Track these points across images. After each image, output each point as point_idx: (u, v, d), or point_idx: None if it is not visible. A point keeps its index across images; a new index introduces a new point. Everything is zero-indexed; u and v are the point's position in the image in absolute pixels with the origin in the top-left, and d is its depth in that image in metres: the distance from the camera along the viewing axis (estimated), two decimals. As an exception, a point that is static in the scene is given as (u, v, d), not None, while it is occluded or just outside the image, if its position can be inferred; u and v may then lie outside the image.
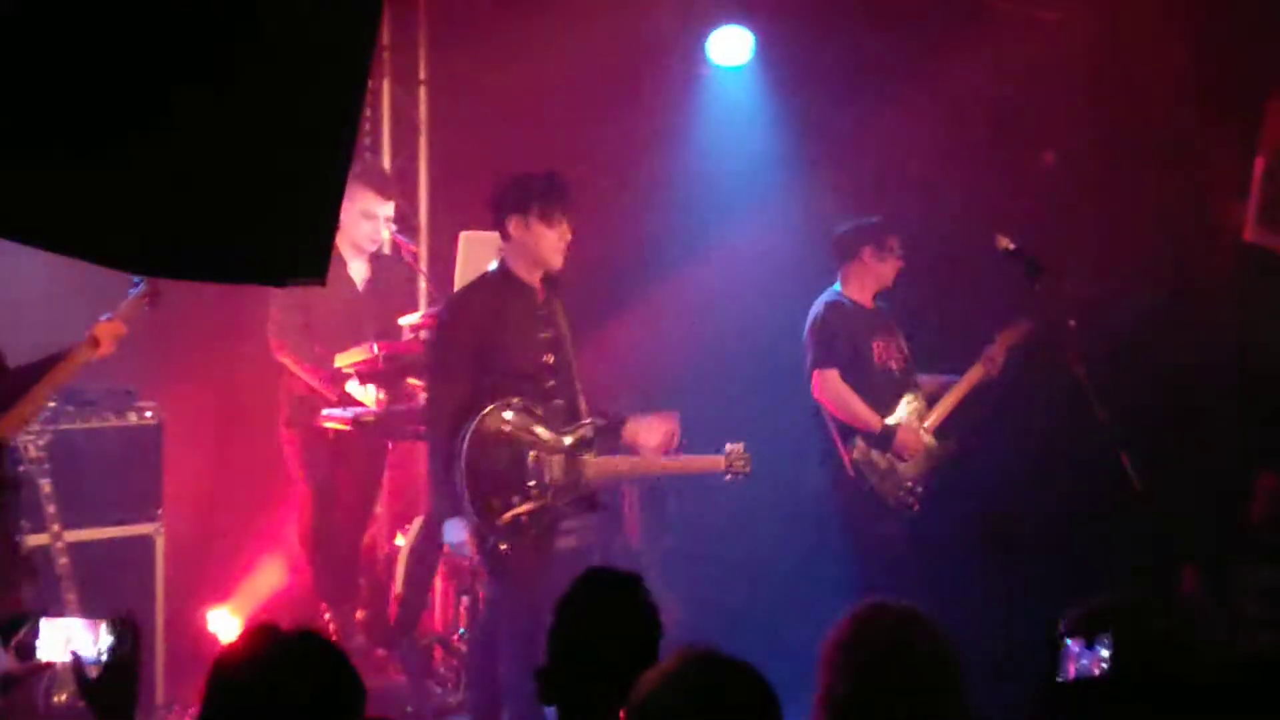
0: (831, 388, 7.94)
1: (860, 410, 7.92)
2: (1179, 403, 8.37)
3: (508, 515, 6.74)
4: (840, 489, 7.98)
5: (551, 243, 6.86)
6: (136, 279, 6.61)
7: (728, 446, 7.14)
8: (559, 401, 6.94)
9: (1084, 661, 3.52)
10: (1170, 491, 7.72)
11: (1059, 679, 3.58)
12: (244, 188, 3.00)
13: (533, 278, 6.97)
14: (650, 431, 7.06)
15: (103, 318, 6.55)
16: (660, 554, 9.14)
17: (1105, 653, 3.52)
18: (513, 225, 6.87)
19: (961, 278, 8.47)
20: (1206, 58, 8.33)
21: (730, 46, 9.39)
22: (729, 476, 7.17)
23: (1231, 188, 8.40)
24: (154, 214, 2.96)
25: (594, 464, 6.96)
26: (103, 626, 3.83)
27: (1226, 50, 8.32)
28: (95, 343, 6.49)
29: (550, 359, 6.95)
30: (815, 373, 7.97)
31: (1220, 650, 5.51)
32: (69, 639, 3.84)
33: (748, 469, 7.14)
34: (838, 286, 8.17)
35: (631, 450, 7.08)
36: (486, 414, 6.69)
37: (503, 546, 6.78)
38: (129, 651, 3.80)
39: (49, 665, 3.92)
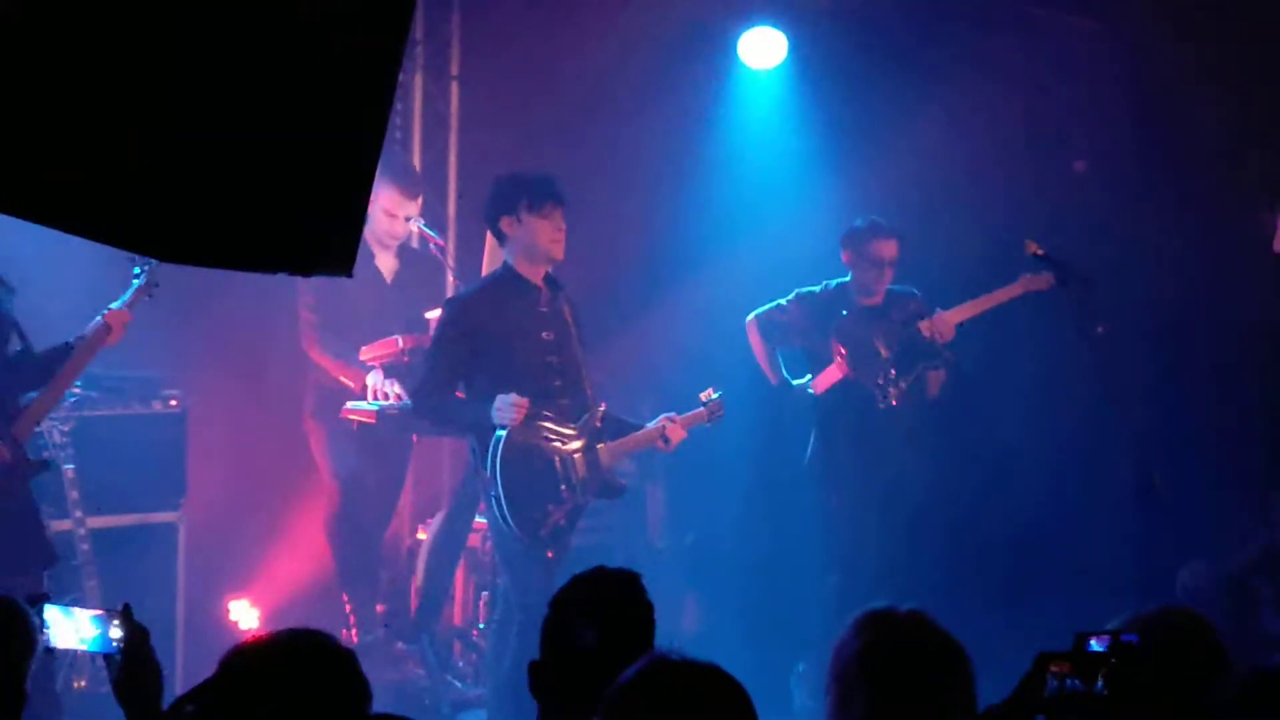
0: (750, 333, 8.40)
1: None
2: (1208, 412, 8.35)
3: (548, 525, 6.90)
4: None
5: (548, 233, 7.01)
6: (136, 269, 6.74)
7: (703, 395, 7.37)
8: (565, 401, 7.03)
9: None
10: (1194, 505, 7.71)
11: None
12: (271, 176, 3.00)
13: (536, 276, 7.08)
14: (680, 430, 7.25)
15: (112, 305, 6.64)
16: (682, 552, 9.14)
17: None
18: (505, 225, 7.04)
19: (994, 283, 8.45)
20: (1240, 67, 8.29)
21: (763, 48, 9.32)
22: (710, 423, 7.38)
23: (1263, 199, 8.35)
24: (183, 201, 2.96)
25: (607, 450, 7.13)
26: (108, 619, 3.82)
27: (1261, 60, 8.28)
28: (108, 329, 6.61)
29: (554, 360, 7.03)
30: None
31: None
32: (77, 628, 3.84)
33: (722, 411, 7.39)
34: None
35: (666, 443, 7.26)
36: (510, 433, 6.77)
37: (550, 554, 6.93)
38: (138, 644, 3.79)
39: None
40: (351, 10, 2.97)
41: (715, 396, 7.39)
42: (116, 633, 3.79)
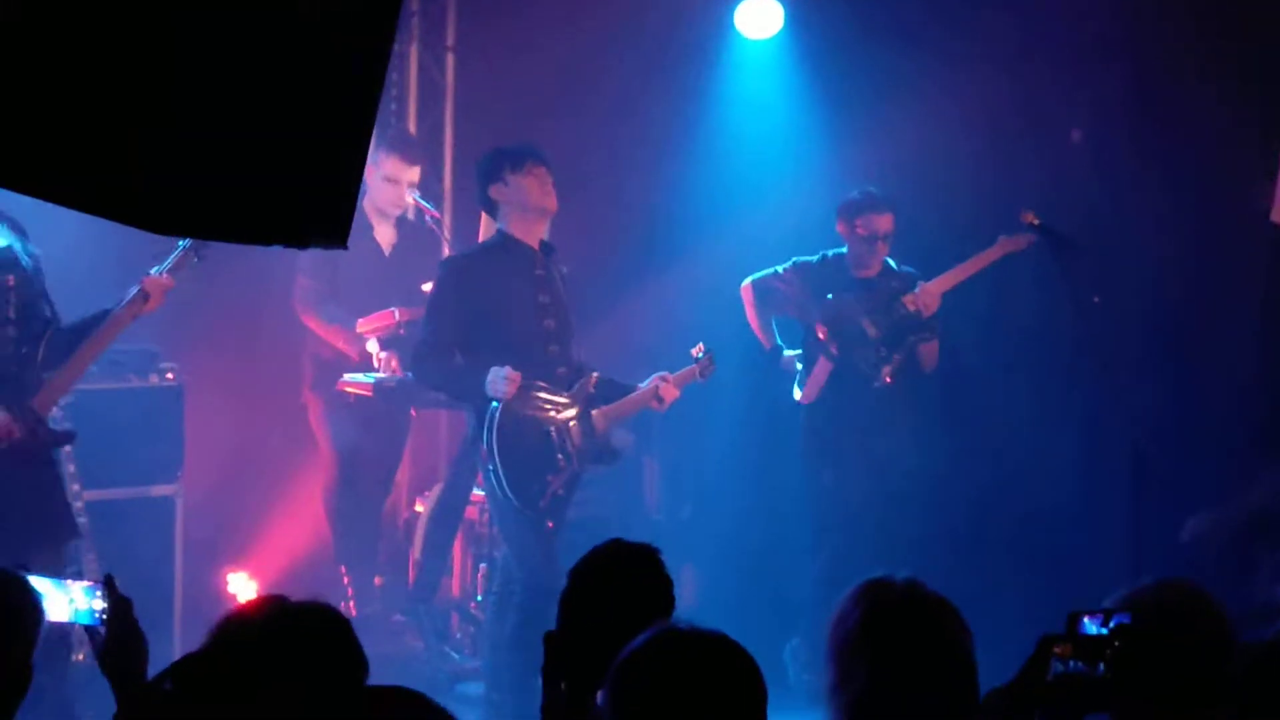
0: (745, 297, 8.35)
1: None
2: (1205, 382, 8.34)
3: (547, 495, 6.92)
4: None
5: (536, 187, 7.03)
6: None
7: (694, 351, 7.42)
8: (561, 369, 7.03)
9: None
10: (1188, 480, 7.71)
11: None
12: (265, 148, 2.99)
13: (532, 238, 7.08)
14: (673, 388, 7.30)
15: (152, 271, 6.52)
16: (679, 525, 9.15)
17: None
18: (495, 191, 7.07)
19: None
20: (1237, 35, 8.27)
21: (760, 18, 9.26)
22: (702, 378, 7.44)
23: (1261, 168, 8.34)
24: (177, 173, 2.96)
25: (602, 415, 7.16)
26: (92, 590, 3.81)
27: (1258, 29, 8.26)
28: (145, 296, 6.46)
29: (551, 324, 7.03)
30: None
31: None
32: (70, 601, 3.84)
33: (713, 367, 7.45)
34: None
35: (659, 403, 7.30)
36: (505, 404, 6.77)
37: (550, 524, 6.94)
38: (122, 615, 3.78)
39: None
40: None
41: (705, 353, 7.41)
42: (100, 604, 3.79)
